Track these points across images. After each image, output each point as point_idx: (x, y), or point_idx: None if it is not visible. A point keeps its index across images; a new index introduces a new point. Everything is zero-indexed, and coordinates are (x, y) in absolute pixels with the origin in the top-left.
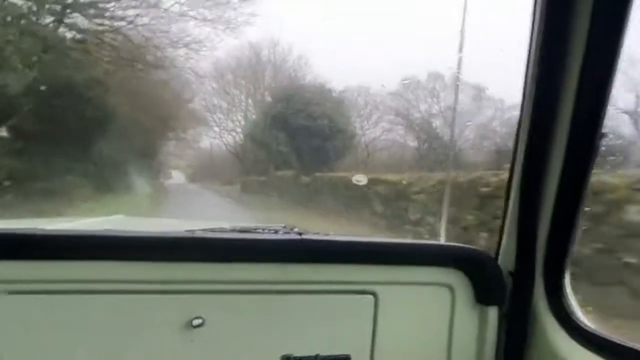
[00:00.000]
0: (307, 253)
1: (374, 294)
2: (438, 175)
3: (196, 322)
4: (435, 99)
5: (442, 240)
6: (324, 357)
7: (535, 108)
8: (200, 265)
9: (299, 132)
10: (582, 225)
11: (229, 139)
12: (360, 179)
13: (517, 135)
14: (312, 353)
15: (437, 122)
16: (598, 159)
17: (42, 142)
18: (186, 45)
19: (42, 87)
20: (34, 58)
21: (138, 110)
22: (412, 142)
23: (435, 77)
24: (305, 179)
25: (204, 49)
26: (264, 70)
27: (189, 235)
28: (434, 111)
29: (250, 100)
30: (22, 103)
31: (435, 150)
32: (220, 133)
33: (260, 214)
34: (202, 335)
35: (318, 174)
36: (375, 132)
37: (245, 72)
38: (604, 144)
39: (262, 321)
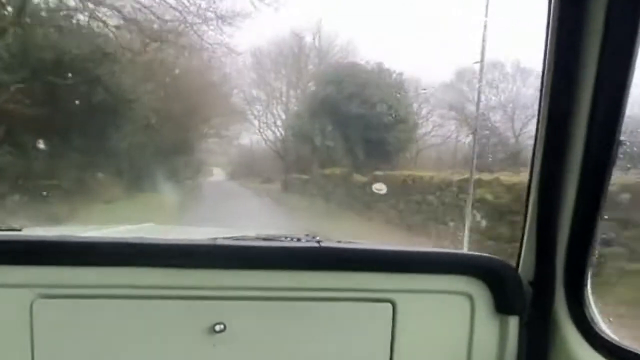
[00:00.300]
0: (326, 261)
1: (392, 302)
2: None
3: (218, 327)
4: (494, 90)
5: (464, 249)
6: None
7: (551, 119)
8: (223, 272)
9: (353, 122)
10: (601, 233)
11: (268, 133)
12: (380, 188)
13: (535, 144)
14: None
15: (496, 116)
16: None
17: (36, 129)
18: (220, 18)
19: (33, 61)
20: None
21: (168, 97)
22: (466, 138)
23: (494, 65)
24: (359, 178)
25: (238, 20)
26: (307, 56)
27: (212, 243)
28: (493, 104)
29: (292, 91)
30: (7, 80)
31: (495, 147)
32: (259, 127)
33: (301, 217)
34: (224, 341)
35: (378, 173)
36: (427, 127)
37: (287, 59)
38: None
39: (282, 327)
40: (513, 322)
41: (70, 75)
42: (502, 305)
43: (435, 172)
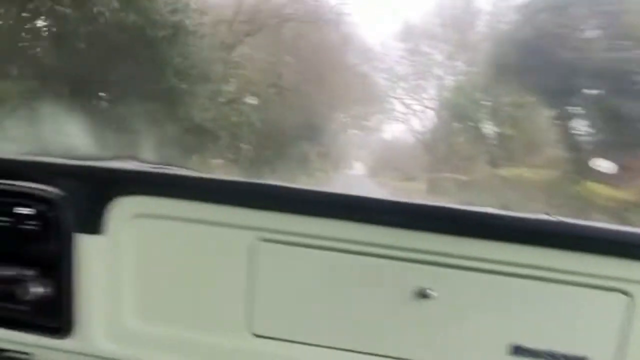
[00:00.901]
0: (554, 236)
1: (628, 293)
2: None
3: (426, 293)
4: None
5: None
6: (560, 354)
7: None
8: (440, 237)
9: (577, 83)
10: None
11: (415, 121)
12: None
13: None
14: (546, 347)
15: None
16: None
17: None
18: None
19: None
20: None
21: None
22: None
23: None
24: (607, 191)
25: None
26: (473, 17)
27: (433, 205)
28: None
29: (447, 62)
30: None
31: None
32: (405, 113)
33: None
34: (431, 308)
35: None
36: None
37: (447, 20)
38: None
39: (494, 303)
40: None
41: None
42: None
43: None
